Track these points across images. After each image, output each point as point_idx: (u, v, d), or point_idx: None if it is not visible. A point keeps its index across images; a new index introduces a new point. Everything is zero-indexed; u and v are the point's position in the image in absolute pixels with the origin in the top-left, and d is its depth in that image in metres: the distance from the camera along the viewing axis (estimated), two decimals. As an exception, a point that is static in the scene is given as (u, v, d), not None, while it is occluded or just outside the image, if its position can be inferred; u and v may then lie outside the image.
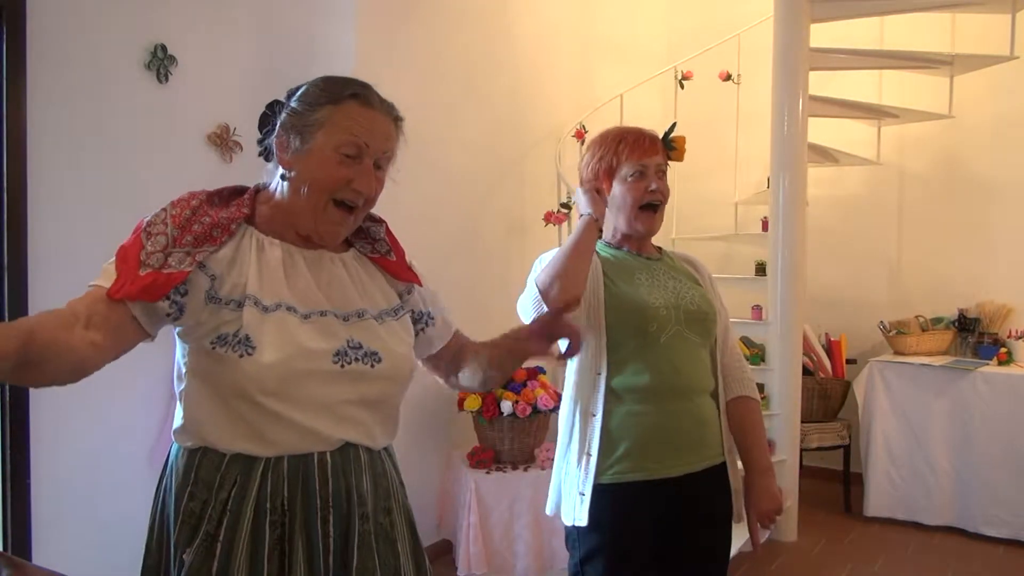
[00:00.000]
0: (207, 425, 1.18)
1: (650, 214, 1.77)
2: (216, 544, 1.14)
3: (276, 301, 1.18)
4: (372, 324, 1.26)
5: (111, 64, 2.64)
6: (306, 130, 1.22)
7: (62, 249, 2.55)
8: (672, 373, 1.70)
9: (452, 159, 3.55)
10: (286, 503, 1.17)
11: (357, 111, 1.23)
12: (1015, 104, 4.21)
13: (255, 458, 1.17)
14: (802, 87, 3.67)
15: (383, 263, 1.36)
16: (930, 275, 4.48)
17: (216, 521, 1.15)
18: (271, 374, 1.13)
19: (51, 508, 2.54)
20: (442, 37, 3.54)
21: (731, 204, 4.74)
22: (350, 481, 1.22)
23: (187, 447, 1.21)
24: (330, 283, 1.26)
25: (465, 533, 3.00)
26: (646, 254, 1.84)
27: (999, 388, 3.74)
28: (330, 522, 1.19)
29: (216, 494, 1.16)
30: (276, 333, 1.15)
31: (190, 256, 1.15)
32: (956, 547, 3.68)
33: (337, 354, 1.19)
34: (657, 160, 1.77)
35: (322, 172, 1.21)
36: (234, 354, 1.13)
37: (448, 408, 3.29)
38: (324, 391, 1.19)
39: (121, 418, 2.71)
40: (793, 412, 3.75)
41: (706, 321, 1.78)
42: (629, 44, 4.88)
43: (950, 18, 4.21)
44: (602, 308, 1.72)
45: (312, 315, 1.20)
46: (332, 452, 1.21)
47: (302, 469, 1.18)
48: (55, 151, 2.53)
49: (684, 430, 1.71)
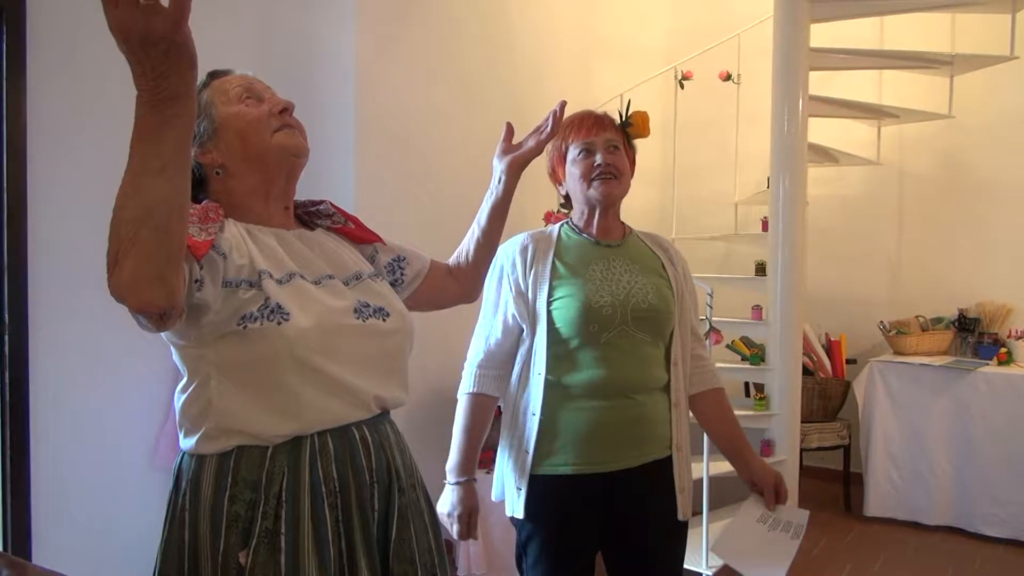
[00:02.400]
0: (248, 418, 1.15)
1: (604, 181, 1.77)
2: (279, 538, 1.13)
3: (286, 272, 1.20)
4: (370, 284, 1.31)
5: (110, 64, 2.63)
6: (203, 122, 1.23)
7: (62, 249, 2.55)
8: (611, 372, 1.70)
9: (451, 159, 3.55)
10: (337, 482, 1.18)
11: (222, 80, 1.28)
12: (1015, 104, 4.21)
13: (301, 443, 1.16)
14: (802, 87, 3.67)
15: (345, 231, 1.39)
16: (930, 275, 4.48)
17: (273, 516, 1.13)
18: (313, 333, 1.15)
19: (51, 508, 2.55)
20: (441, 38, 3.54)
21: (731, 204, 4.74)
22: (390, 455, 1.26)
23: (218, 453, 1.17)
24: (322, 253, 1.29)
25: (465, 533, 3.01)
26: (607, 241, 1.81)
27: (999, 388, 3.74)
28: (375, 496, 1.22)
29: (266, 490, 1.14)
30: (299, 298, 1.17)
31: (204, 231, 1.13)
32: (956, 547, 3.68)
33: (355, 311, 1.23)
34: (605, 136, 1.78)
35: (243, 121, 1.23)
36: (271, 323, 1.12)
37: (447, 408, 3.28)
38: (356, 345, 1.21)
39: (121, 417, 2.72)
40: (793, 412, 3.75)
41: (657, 319, 1.75)
42: (629, 44, 4.88)
43: (950, 18, 4.21)
44: (545, 306, 1.74)
45: (322, 280, 1.24)
46: (368, 426, 1.24)
47: (348, 447, 1.20)
48: (55, 151, 2.53)
49: (623, 427, 1.71)
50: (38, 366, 2.51)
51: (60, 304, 2.55)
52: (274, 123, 1.24)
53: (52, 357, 2.54)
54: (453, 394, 1.86)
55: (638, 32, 4.98)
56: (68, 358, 2.58)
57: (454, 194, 3.59)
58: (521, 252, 1.82)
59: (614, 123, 1.83)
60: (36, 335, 2.50)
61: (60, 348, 2.56)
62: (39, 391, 2.51)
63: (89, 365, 2.63)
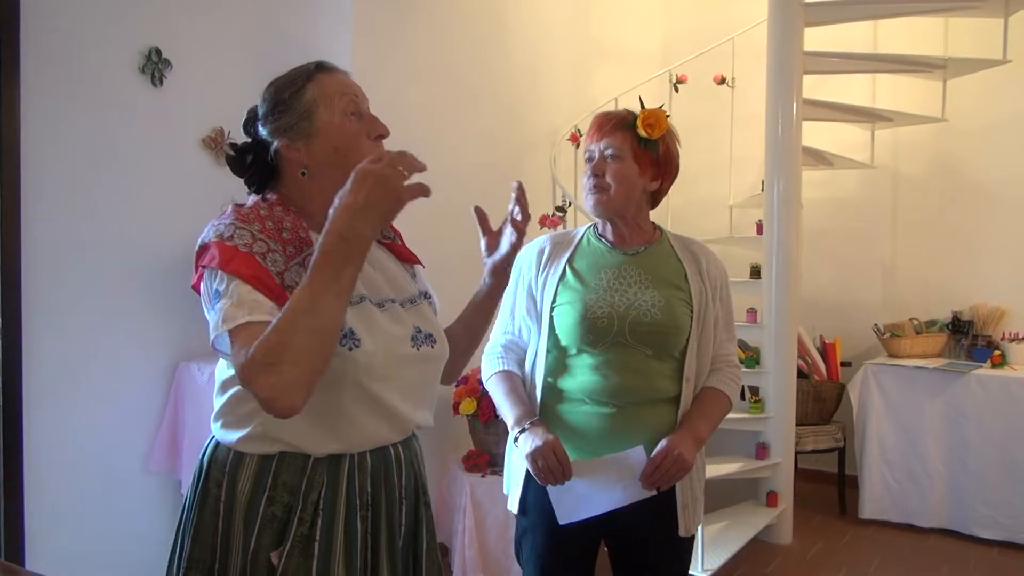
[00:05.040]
0: (293, 429, 1.16)
1: (591, 195, 1.75)
2: (313, 544, 1.17)
3: (358, 295, 1.20)
4: (423, 308, 1.33)
5: (105, 68, 2.64)
6: (302, 121, 1.22)
7: (56, 252, 2.54)
8: (606, 381, 1.69)
9: (447, 163, 3.55)
10: (371, 498, 1.23)
11: (331, 77, 1.26)
12: (1007, 107, 4.23)
13: (341, 458, 1.20)
14: (796, 90, 3.68)
15: (392, 247, 1.39)
16: (924, 278, 4.49)
17: (309, 522, 1.17)
18: (377, 361, 1.18)
19: (45, 513, 2.53)
20: (438, 41, 3.55)
21: (726, 207, 4.75)
22: (417, 471, 1.32)
23: (259, 454, 1.19)
24: (384, 273, 1.30)
25: (460, 537, 3.00)
26: (624, 248, 1.78)
27: (993, 390, 3.75)
28: (403, 512, 1.27)
29: (304, 496, 1.18)
30: (366, 323, 1.19)
31: (302, 266, 1.15)
32: (950, 549, 3.69)
33: (412, 339, 1.25)
34: (604, 143, 1.73)
35: (344, 138, 1.23)
36: (343, 348, 1.14)
37: (443, 412, 3.29)
38: (409, 372, 1.25)
39: (115, 423, 2.70)
40: (788, 415, 3.76)
41: (660, 335, 1.69)
42: (624, 48, 4.89)
43: (943, 22, 4.23)
44: (548, 310, 1.75)
45: (384, 303, 1.25)
46: (403, 445, 1.28)
47: (383, 464, 1.25)
48: (49, 154, 2.52)
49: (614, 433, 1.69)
50: (32, 369, 2.50)
51: (54, 308, 2.54)
52: (371, 148, 1.24)
53: (46, 360, 2.53)
54: (449, 398, 1.87)
55: (633, 36, 4.99)
56: (62, 361, 2.57)
57: (449, 197, 3.58)
58: (537, 254, 1.83)
59: (622, 125, 1.74)
60: (30, 338, 2.49)
61: (54, 351, 2.55)
62: (32, 394, 2.50)
63: (83, 368, 2.61)
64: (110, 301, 2.63)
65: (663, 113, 1.74)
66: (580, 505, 1.66)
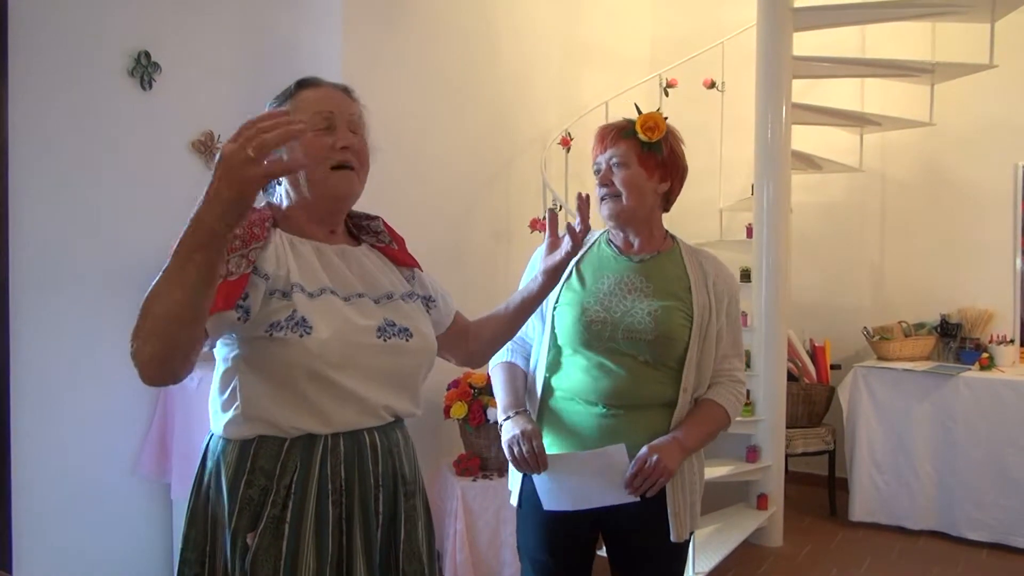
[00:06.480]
0: (269, 409, 1.23)
1: (604, 203, 1.79)
2: (284, 526, 1.22)
3: (319, 287, 1.28)
4: (400, 304, 1.38)
5: (94, 71, 2.63)
6: None
7: (44, 256, 2.53)
8: (597, 383, 1.73)
9: (437, 166, 3.55)
10: (344, 483, 1.26)
11: (310, 93, 1.35)
12: (994, 111, 4.26)
13: (315, 441, 1.25)
14: (785, 95, 3.70)
15: (388, 252, 1.46)
16: (912, 281, 4.52)
17: (281, 505, 1.23)
18: (332, 348, 1.22)
19: (32, 520, 2.52)
20: (428, 45, 3.55)
21: (716, 211, 4.76)
22: (396, 461, 1.34)
23: (240, 439, 1.26)
24: (358, 270, 1.37)
25: (452, 541, 2.99)
26: (630, 254, 1.81)
27: (981, 393, 3.77)
28: (380, 500, 1.30)
29: (278, 480, 1.23)
30: (326, 313, 1.25)
31: (245, 258, 1.21)
32: (939, 551, 3.71)
33: (379, 330, 1.30)
34: (609, 153, 1.77)
35: (309, 150, 1.29)
36: (294, 335, 1.20)
37: (434, 416, 3.28)
38: (374, 362, 1.29)
39: (104, 428, 2.69)
40: (778, 417, 3.77)
41: (654, 343, 1.70)
42: (614, 52, 4.90)
43: (931, 27, 4.26)
44: (551, 309, 1.80)
45: (351, 297, 1.31)
46: (379, 432, 1.32)
47: (357, 449, 1.28)
48: (37, 157, 2.51)
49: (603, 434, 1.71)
50: (19, 374, 2.48)
51: (42, 312, 2.52)
52: (332, 158, 1.31)
53: (34, 365, 2.52)
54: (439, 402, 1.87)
55: (623, 40, 5.00)
56: (50, 366, 2.55)
57: (439, 200, 3.59)
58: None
59: (623, 133, 1.76)
60: (17, 343, 2.48)
61: (41, 356, 2.53)
62: (20, 399, 2.49)
63: (71, 373, 2.60)
64: (98, 305, 2.62)
65: (660, 116, 1.77)
66: (564, 496, 1.71)
